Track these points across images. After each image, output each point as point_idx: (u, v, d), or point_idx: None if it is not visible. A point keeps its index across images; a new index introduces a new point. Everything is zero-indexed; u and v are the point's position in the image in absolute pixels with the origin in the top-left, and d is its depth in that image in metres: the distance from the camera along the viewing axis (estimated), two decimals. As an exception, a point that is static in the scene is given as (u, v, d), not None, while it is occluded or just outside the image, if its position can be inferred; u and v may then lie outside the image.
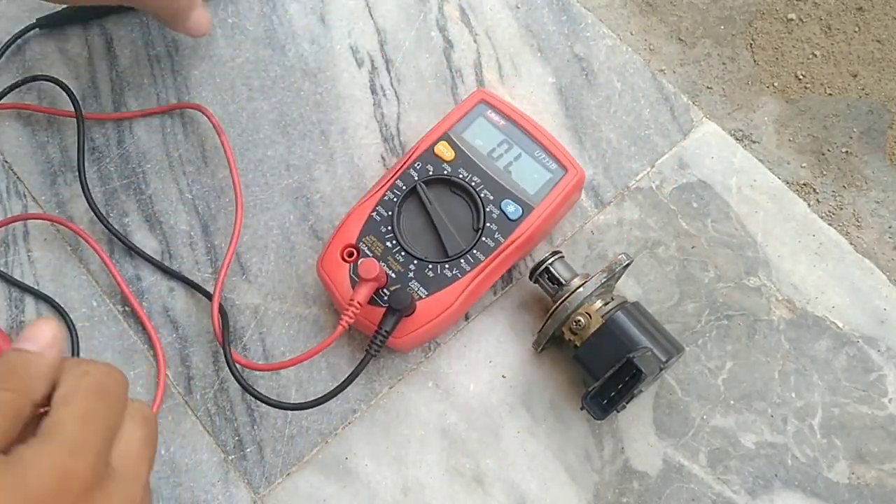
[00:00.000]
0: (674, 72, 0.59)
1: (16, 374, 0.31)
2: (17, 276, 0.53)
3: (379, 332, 0.45)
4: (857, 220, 0.54)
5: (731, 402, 0.48)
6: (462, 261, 0.47)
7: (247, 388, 0.46)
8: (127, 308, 0.52)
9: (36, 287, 0.52)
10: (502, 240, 0.47)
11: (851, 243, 0.52)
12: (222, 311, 0.49)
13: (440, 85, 0.57)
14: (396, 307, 0.45)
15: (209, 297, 0.51)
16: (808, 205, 0.53)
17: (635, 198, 0.53)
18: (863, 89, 0.58)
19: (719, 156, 0.54)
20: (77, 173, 0.53)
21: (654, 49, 0.60)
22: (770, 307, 0.50)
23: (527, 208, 0.48)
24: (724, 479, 0.47)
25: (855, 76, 0.58)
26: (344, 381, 0.45)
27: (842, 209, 0.54)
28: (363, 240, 0.48)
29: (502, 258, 0.48)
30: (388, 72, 0.57)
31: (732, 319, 0.50)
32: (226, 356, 0.47)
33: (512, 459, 0.47)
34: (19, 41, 0.58)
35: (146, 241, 0.53)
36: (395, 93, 0.56)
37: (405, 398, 0.49)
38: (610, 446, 0.47)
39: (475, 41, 0.58)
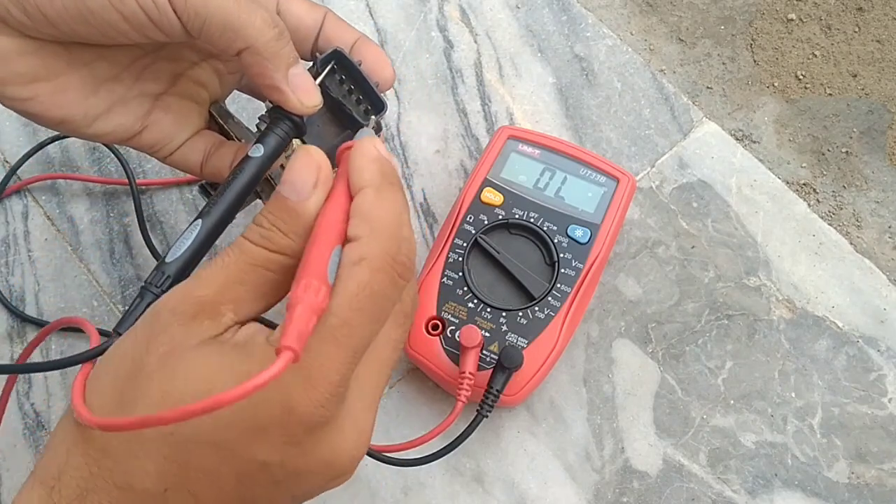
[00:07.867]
0: (674, 72, 0.59)
1: (281, 231, 0.28)
2: (17, 275, 0.53)
3: (490, 392, 0.44)
4: (857, 220, 0.54)
5: (731, 401, 0.48)
6: (549, 298, 0.46)
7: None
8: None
9: (36, 287, 0.52)
10: (581, 265, 0.46)
11: (851, 243, 0.52)
12: None
13: (440, 85, 0.57)
14: (509, 366, 0.43)
15: None
16: (808, 205, 0.53)
17: (635, 198, 0.53)
18: (863, 89, 0.58)
19: (719, 156, 0.54)
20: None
21: (655, 49, 0.60)
22: (770, 307, 0.50)
23: (593, 228, 0.47)
24: (724, 479, 0.47)
25: (855, 76, 0.58)
26: (457, 439, 0.44)
27: (842, 209, 0.55)
28: (444, 308, 0.46)
29: (587, 283, 0.46)
30: (389, 72, 0.57)
31: (732, 319, 0.50)
32: None
33: (512, 459, 0.47)
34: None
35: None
36: (396, 93, 0.56)
37: (406, 398, 0.49)
38: (610, 446, 0.47)
39: (475, 41, 0.58)
